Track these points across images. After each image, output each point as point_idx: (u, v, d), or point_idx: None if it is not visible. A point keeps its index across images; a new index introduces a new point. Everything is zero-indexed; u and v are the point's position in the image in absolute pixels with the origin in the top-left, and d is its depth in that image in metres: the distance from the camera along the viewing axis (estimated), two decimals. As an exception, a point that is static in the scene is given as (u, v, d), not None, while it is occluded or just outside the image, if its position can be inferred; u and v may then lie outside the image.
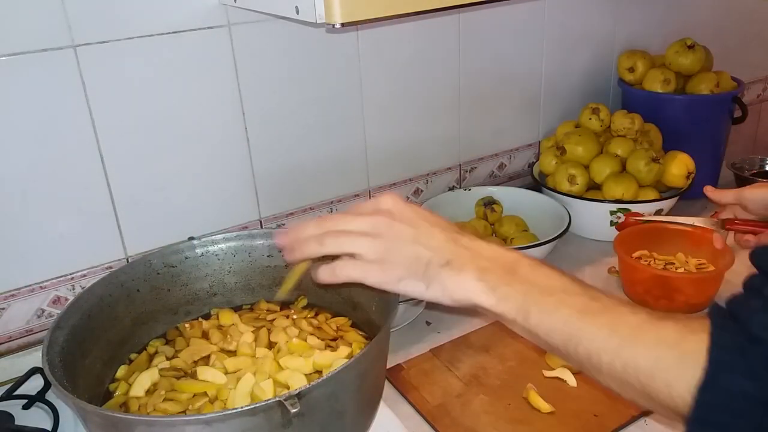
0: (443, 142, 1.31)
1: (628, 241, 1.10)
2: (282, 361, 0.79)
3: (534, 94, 1.41)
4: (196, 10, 0.95)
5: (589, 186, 1.26)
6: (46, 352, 0.69)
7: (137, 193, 0.99)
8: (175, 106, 0.98)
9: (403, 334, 0.99)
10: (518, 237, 1.18)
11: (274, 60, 1.05)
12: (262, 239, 0.92)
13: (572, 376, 0.87)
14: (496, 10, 1.27)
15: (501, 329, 1.00)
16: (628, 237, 1.11)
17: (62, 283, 0.98)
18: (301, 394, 0.60)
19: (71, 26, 0.87)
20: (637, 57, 1.39)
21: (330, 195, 1.20)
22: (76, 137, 0.92)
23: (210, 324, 0.89)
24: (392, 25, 1.15)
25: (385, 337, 0.72)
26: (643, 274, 1.05)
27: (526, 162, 1.46)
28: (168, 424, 0.63)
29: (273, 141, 1.09)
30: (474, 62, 1.28)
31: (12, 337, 0.96)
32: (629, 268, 1.07)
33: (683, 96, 1.36)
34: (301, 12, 0.74)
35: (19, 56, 0.85)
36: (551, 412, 0.82)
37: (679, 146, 1.29)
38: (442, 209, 1.24)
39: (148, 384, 0.78)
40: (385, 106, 1.20)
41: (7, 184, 0.89)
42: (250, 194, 1.11)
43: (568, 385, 0.86)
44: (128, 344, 0.85)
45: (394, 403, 0.86)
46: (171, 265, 0.89)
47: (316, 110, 1.12)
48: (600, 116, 1.29)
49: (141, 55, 0.93)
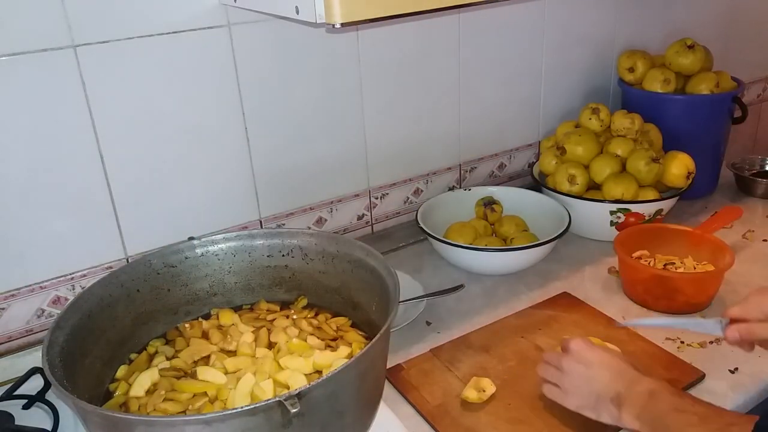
0: (443, 142, 1.31)
1: (628, 241, 1.10)
2: (282, 361, 0.79)
3: (534, 94, 1.41)
4: (196, 10, 0.95)
5: (589, 186, 1.26)
6: (46, 352, 0.69)
7: (137, 193, 0.99)
8: (175, 106, 0.98)
9: (403, 334, 0.99)
10: (518, 237, 1.18)
11: (274, 60, 1.05)
12: (262, 239, 0.92)
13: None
14: (496, 10, 1.27)
15: (501, 329, 1.00)
16: (628, 237, 1.11)
17: (62, 283, 0.98)
18: (301, 394, 0.60)
19: (71, 26, 0.87)
20: (637, 57, 1.39)
21: (330, 195, 1.20)
22: (76, 137, 0.92)
23: (210, 324, 0.89)
24: (392, 25, 1.15)
25: (385, 337, 0.72)
26: (643, 274, 1.05)
27: (526, 162, 1.46)
28: (168, 424, 0.63)
29: (273, 141, 1.09)
30: (474, 62, 1.28)
31: (12, 337, 0.96)
32: (629, 268, 1.07)
33: (683, 96, 1.36)
34: (301, 12, 0.74)
35: (19, 56, 0.85)
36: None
37: (679, 146, 1.29)
38: (442, 209, 1.24)
39: (148, 384, 0.78)
40: (385, 106, 1.20)
41: (6, 184, 0.89)
42: (250, 194, 1.11)
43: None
44: (128, 344, 0.85)
45: (394, 403, 0.86)
46: (171, 265, 0.89)
47: (316, 110, 1.12)
48: (600, 116, 1.29)
49: (141, 55, 0.93)
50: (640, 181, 1.22)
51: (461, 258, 1.13)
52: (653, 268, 1.06)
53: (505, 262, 1.14)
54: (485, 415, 0.83)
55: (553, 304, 1.06)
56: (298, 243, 0.92)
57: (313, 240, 0.91)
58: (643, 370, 0.77)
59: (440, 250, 1.16)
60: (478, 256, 1.11)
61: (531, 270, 1.15)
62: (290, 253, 0.92)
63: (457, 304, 1.07)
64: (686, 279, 1.03)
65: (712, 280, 1.03)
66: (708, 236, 1.08)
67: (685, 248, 1.10)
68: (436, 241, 1.13)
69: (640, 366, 0.78)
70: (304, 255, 0.92)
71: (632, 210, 1.19)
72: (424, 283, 1.10)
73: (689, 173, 1.24)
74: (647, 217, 1.20)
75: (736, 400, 0.85)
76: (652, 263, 1.09)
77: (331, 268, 0.90)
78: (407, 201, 1.31)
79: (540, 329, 1.00)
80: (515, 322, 1.02)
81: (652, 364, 0.90)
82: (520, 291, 1.11)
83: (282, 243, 0.92)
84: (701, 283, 1.03)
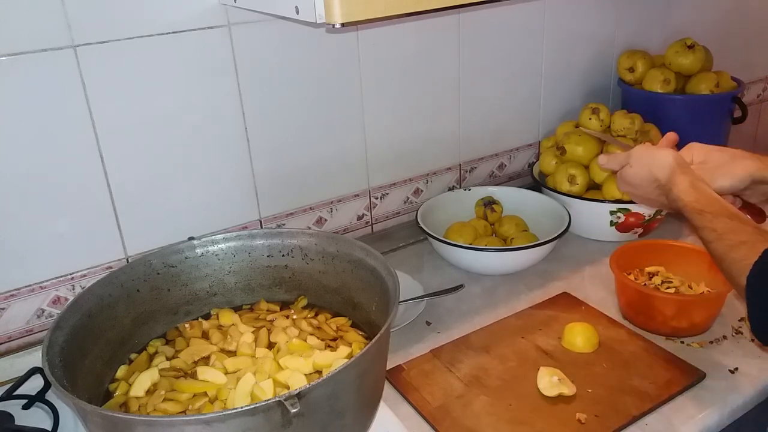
0: (443, 142, 1.31)
1: (636, 256, 1.06)
2: (282, 361, 0.79)
3: (534, 94, 1.41)
4: (196, 10, 0.95)
5: (589, 186, 1.26)
6: (46, 352, 0.69)
7: (137, 193, 0.99)
8: (175, 106, 0.98)
9: (403, 334, 0.99)
10: (518, 237, 1.18)
11: (274, 60, 1.05)
12: (262, 239, 0.92)
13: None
14: (496, 10, 1.27)
15: (501, 329, 1.00)
16: (637, 251, 1.07)
17: (62, 283, 0.98)
18: (301, 394, 0.60)
19: (71, 26, 0.87)
20: (637, 57, 1.39)
21: (330, 195, 1.20)
22: (76, 137, 0.92)
23: (210, 324, 0.89)
24: (392, 25, 1.15)
25: (385, 337, 0.72)
26: (626, 288, 1.00)
27: (526, 162, 1.46)
28: (168, 424, 0.63)
29: (273, 141, 1.09)
30: (474, 62, 1.28)
31: (12, 337, 0.96)
32: (618, 282, 1.03)
33: (683, 96, 1.36)
34: (301, 12, 0.74)
35: (19, 56, 0.85)
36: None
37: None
38: (442, 209, 1.24)
39: (148, 384, 0.78)
40: (385, 106, 1.20)
41: (7, 184, 0.89)
42: (250, 194, 1.11)
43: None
44: (128, 344, 0.85)
45: (394, 403, 0.86)
46: (171, 265, 0.89)
47: (316, 110, 1.12)
48: (600, 116, 1.29)
49: (141, 55, 0.93)
50: (640, 181, 1.21)
51: (461, 258, 1.13)
52: (634, 283, 1.00)
53: (505, 262, 1.14)
54: (486, 415, 0.83)
55: (553, 304, 1.06)
56: (298, 243, 0.92)
57: (313, 240, 0.91)
58: (643, 368, 0.77)
59: (440, 250, 1.16)
60: (478, 256, 1.11)
61: (531, 270, 1.15)
62: (290, 253, 0.92)
63: (457, 304, 1.07)
64: (663, 299, 0.96)
65: (698, 304, 0.97)
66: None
67: (702, 270, 1.03)
68: (436, 241, 1.13)
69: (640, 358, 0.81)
70: (304, 255, 0.92)
71: (632, 210, 1.19)
72: (424, 283, 1.10)
73: (689, 173, 1.24)
74: (647, 217, 1.20)
75: (736, 400, 0.85)
76: (649, 280, 1.04)
77: (331, 268, 0.90)
78: (407, 201, 1.31)
79: (540, 329, 1.00)
80: (515, 323, 1.02)
81: (652, 363, 0.90)
82: (520, 291, 1.11)
83: (282, 243, 0.92)
84: (682, 306, 0.95)
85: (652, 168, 0.87)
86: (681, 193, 0.82)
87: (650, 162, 0.87)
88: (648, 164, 0.87)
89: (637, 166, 0.89)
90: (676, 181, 0.83)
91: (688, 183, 0.82)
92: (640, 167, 0.88)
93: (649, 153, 0.89)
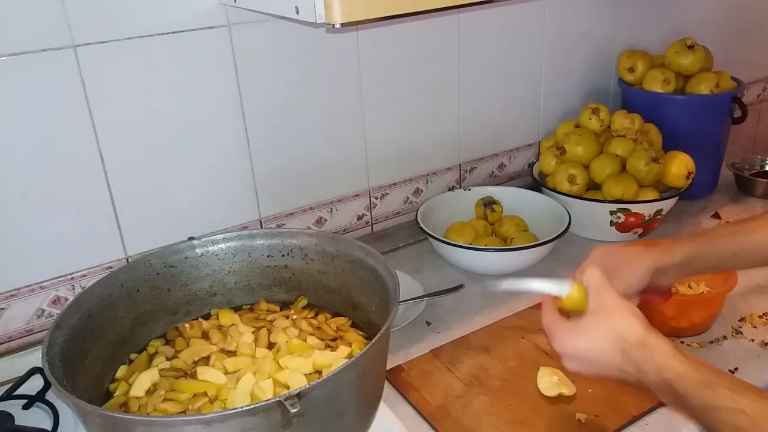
0: (443, 142, 1.31)
1: None
2: (282, 361, 0.79)
3: (534, 94, 1.41)
4: (196, 10, 0.95)
5: (589, 186, 1.26)
6: (46, 352, 0.69)
7: (137, 193, 0.99)
8: (174, 106, 0.98)
9: (403, 334, 0.99)
10: (518, 237, 1.18)
11: (274, 60, 1.05)
12: (262, 239, 0.92)
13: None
14: (496, 10, 1.27)
15: (501, 329, 1.00)
16: None
17: (62, 283, 0.98)
18: (301, 394, 0.60)
19: (71, 26, 0.87)
20: (637, 57, 1.39)
21: (330, 195, 1.20)
22: (76, 137, 0.92)
23: (210, 324, 0.89)
24: (392, 25, 1.15)
25: (385, 337, 0.72)
26: None
27: (526, 162, 1.46)
28: (168, 424, 0.63)
29: (273, 141, 1.09)
30: (474, 62, 1.28)
31: (12, 337, 0.96)
32: None
33: (683, 96, 1.36)
34: (301, 12, 0.74)
35: (19, 56, 0.85)
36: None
37: (679, 146, 1.29)
38: (442, 209, 1.24)
39: (148, 384, 0.78)
40: (385, 106, 1.20)
41: (7, 184, 0.89)
42: (250, 194, 1.11)
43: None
44: (128, 344, 0.85)
45: (394, 403, 0.86)
46: (171, 265, 0.89)
47: (316, 110, 1.12)
48: (600, 116, 1.29)
49: (141, 55, 0.93)
50: (640, 181, 1.22)
51: (461, 258, 1.13)
52: None
53: (505, 262, 1.14)
54: (485, 415, 0.83)
55: (553, 304, 1.06)
56: (298, 243, 0.92)
57: (313, 240, 0.91)
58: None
59: (440, 250, 1.16)
60: (478, 256, 1.11)
61: (531, 270, 1.15)
62: (290, 253, 0.92)
63: (457, 304, 1.07)
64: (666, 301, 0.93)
65: (698, 304, 0.96)
66: None
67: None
68: (436, 241, 1.13)
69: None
70: (304, 255, 0.92)
71: (632, 210, 1.19)
72: (424, 283, 1.10)
73: (689, 173, 1.24)
74: (647, 217, 1.20)
75: (736, 400, 0.85)
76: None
77: (331, 268, 0.90)
78: (407, 201, 1.31)
79: (540, 329, 0.99)
80: (515, 323, 1.02)
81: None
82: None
83: (282, 243, 0.92)
84: (682, 306, 0.95)
85: (614, 326, 0.67)
86: (668, 359, 0.62)
87: (608, 320, 0.68)
88: (606, 323, 0.68)
89: (591, 322, 0.69)
90: (654, 344, 0.64)
91: (672, 346, 0.64)
92: (596, 326, 0.69)
93: (601, 307, 0.70)
